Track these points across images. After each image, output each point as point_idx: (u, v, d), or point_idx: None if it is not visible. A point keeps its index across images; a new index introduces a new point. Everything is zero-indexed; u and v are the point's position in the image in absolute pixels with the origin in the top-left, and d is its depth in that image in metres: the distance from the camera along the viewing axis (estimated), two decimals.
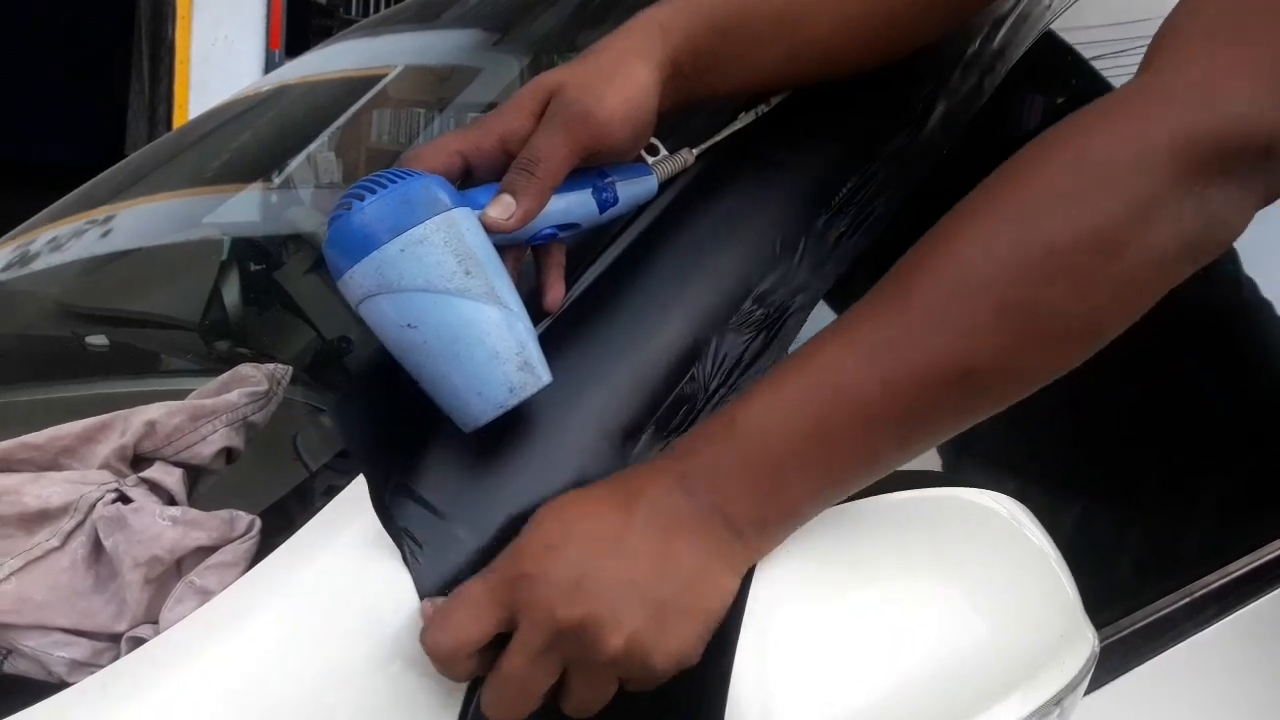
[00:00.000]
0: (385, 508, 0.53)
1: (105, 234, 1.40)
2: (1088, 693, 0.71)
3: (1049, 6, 0.77)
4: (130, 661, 0.51)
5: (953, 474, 0.93)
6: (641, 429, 0.56)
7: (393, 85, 1.73)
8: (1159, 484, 1.04)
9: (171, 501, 0.55)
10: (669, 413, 0.57)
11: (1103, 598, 0.89)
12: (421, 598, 0.51)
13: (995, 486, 0.96)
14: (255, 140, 1.63)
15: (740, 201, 0.63)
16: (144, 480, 0.55)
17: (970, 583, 0.56)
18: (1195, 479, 1.04)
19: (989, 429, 0.96)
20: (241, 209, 1.52)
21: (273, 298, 1.37)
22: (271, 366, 0.65)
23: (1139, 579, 0.93)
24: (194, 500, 0.58)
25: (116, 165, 1.55)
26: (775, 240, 0.63)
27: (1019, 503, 0.59)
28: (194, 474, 0.57)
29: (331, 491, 0.56)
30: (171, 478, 0.55)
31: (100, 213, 1.43)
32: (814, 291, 0.63)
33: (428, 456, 0.55)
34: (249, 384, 0.60)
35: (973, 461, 0.95)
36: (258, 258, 1.44)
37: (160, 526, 0.51)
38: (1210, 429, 1.07)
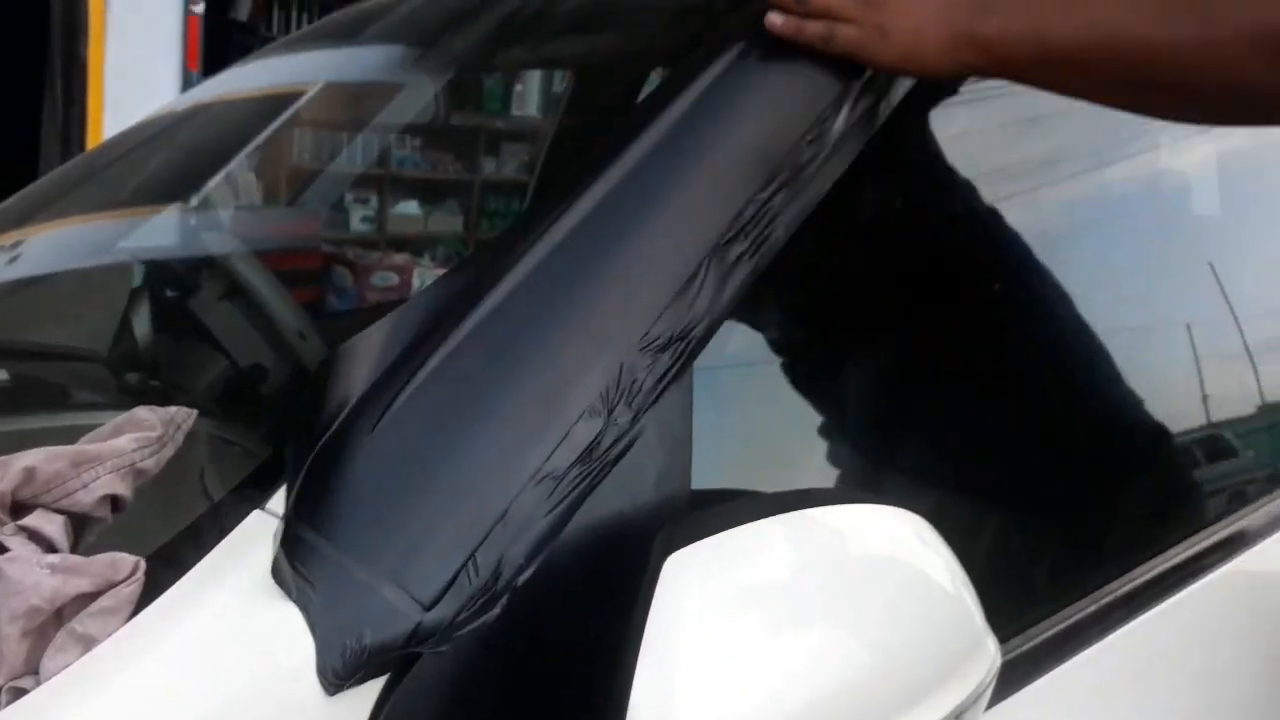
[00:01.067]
0: (283, 546, 0.52)
1: (11, 260, 1.36)
2: (1002, 700, 0.72)
3: None
4: (9, 713, 0.50)
5: (875, 485, 0.95)
6: (547, 458, 0.56)
7: (312, 103, 1.71)
8: (1069, 496, 1.06)
9: (52, 550, 0.53)
10: (577, 439, 0.57)
11: (1019, 607, 0.91)
12: (316, 638, 0.50)
13: (916, 500, 0.97)
14: (170, 161, 1.60)
15: (643, 225, 0.63)
16: (22, 529, 0.53)
17: (872, 599, 0.56)
18: (1101, 490, 1.07)
19: (912, 443, 0.98)
20: (155, 233, 1.49)
21: (186, 326, 1.33)
22: (172, 411, 0.63)
23: (1053, 587, 0.95)
24: (83, 548, 0.56)
25: (26, 188, 1.51)
26: (678, 264, 0.62)
27: (924, 520, 0.60)
28: (80, 521, 0.56)
29: (225, 530, 0.55)
30: (52, 525, 0.53)
31: (8, 239, 1.38)
32: (717, 314, 0.63)
33: (323, 492, 0.54)
34: (142, 428, 0.58)
35: (895, 474, 0.96)
36: (171, 284, 1.41)
37: (39, 575, 0.50)
38: (1108, 444, 1.09)
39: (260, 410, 1.19)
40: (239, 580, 0.51)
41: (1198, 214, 1.26)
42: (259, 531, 0.54)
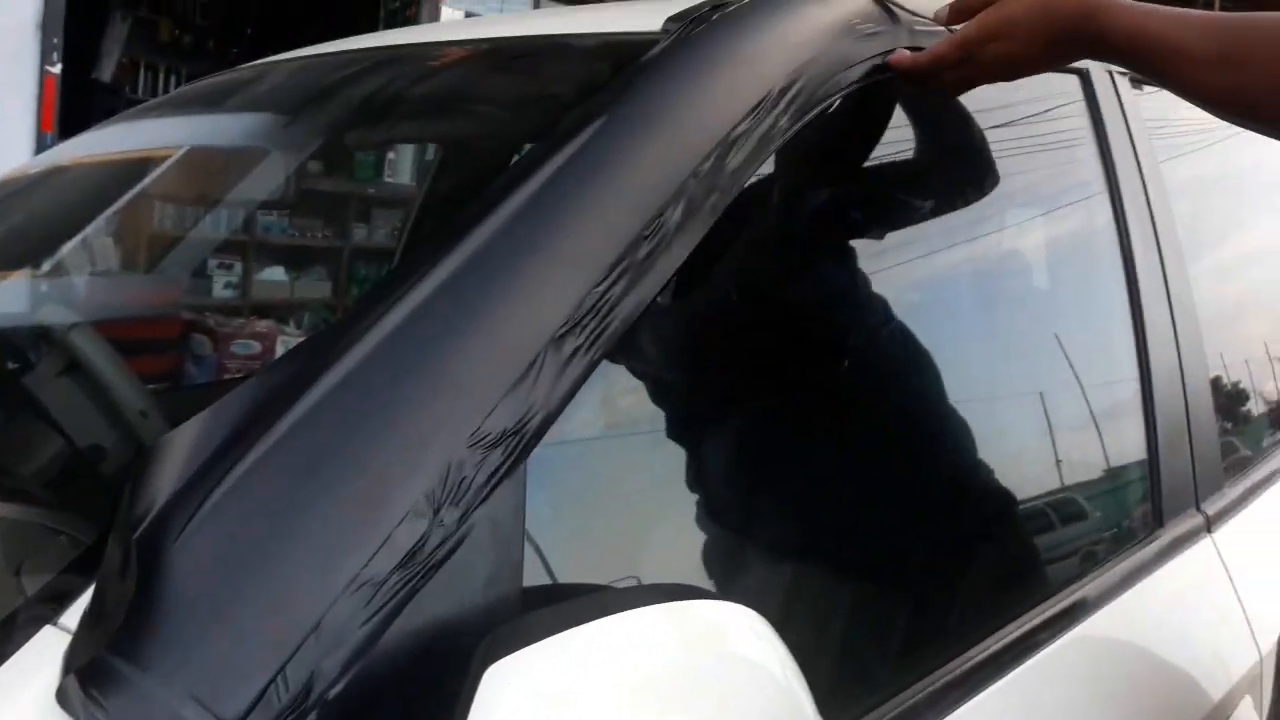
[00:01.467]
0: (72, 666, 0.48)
1: None
2: None
3: (784, 126, 0.80)
4: None
5: (735, 557, 0.95)
6: (365, 563, 0.53)
7: (176, 167, 1.66)
8: (923, 566, 1.08)
9: None
10: (399, 542, 0.55)
11: (876, 675, 0.91)
12: None
13: (774, 570, 0.98)
14: (18, 226, 1.53)
15: (476, 316, 0.62)
16: None
17: (704, 698, 0.55)
18: (954, 561, 1.09)
19: (771, 516, 0.99)
20: None
21: (20, 403, 1.26)
22: None
23: (909, 656, 0.95)
24: None
25: None
26: (513, 356, 0.61)
27: (756, 614, 0.60)
28: None
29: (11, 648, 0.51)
30: None
31: None
32: (553, 407, 0.62)
33: (120, 604, 0.51)
34: None
35: (753, 546, 0.96)
36: (7, 356, 1.34)
37: None
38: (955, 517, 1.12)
39: (93, 496, 1.12)
40: (20, 709, 0.48)
41: (1039, 289, 1.32)
42: (49, 648, 0.50)
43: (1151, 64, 0.86)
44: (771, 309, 1.04)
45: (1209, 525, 1.24)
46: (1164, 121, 1.39)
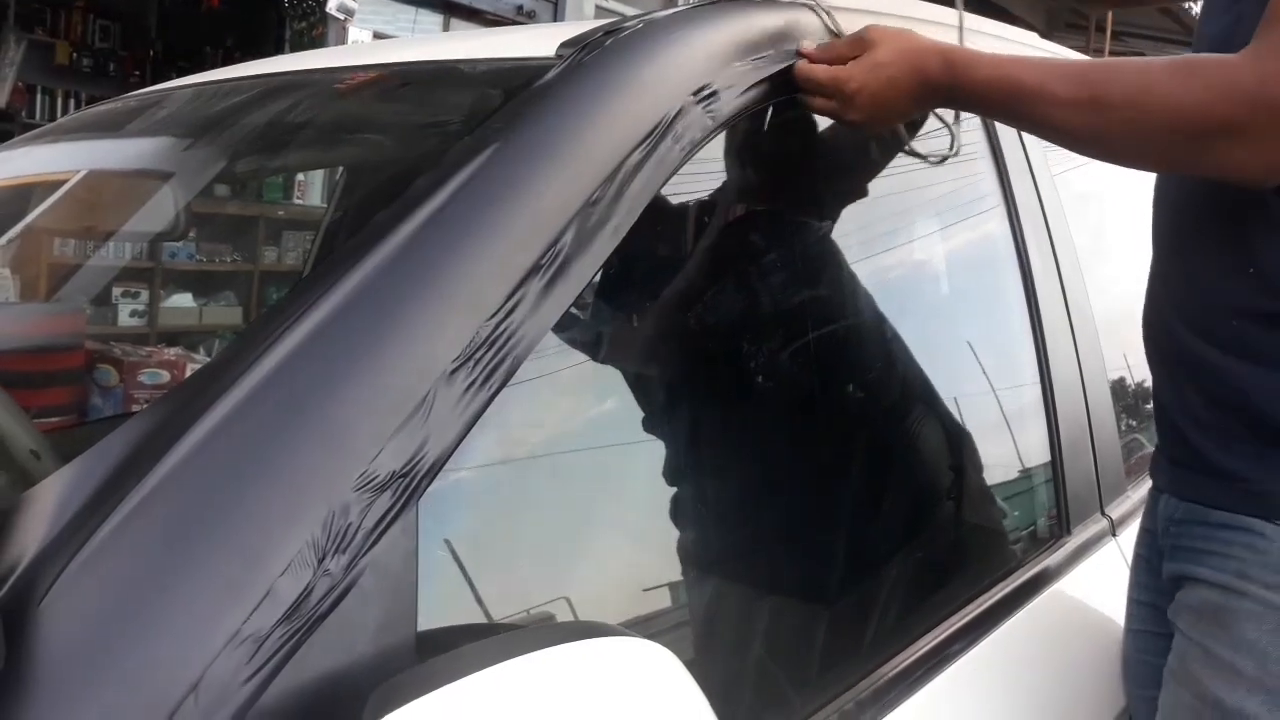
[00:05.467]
0: None
1: None
2: None
3: (680, 151, 0.80)
4: None
5: (647, 587, 0.94)
6: (246, 618, 0.51)
7: (75, 192, 1.60)
8: (841, 579, 1.09)
9: None
10: (281, 594, 0.53)
11: (794, 688, 0.91)
12: None
13: (698, 586, 0.97)
14: None
15: (358, 354, 0.60)
16: None
17: None
18: (872, 572, 1.10)
19: (693, 534, 0.98)
20: None
21: None
22: None
23: (825, 675, 0.95)
24: None
25: None
26: (400, 394, 0.60)
27: (665, 649, 0.59)
28: None
29: None
30: None
31: None
32: (445, 446, 0.60)
33: None
34: None
35: (682, 562, 0.96)
36: None
37: None
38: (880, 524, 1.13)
39: None
40: None
41: (938, 301, 1.33)
42: None
43: (1010, 108, 0.92)
44: (677, 332, 1.04)
45: (1114, 529, 1.26)
46: None
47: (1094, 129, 0.87)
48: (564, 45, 0.88)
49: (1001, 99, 0.91)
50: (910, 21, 1.09)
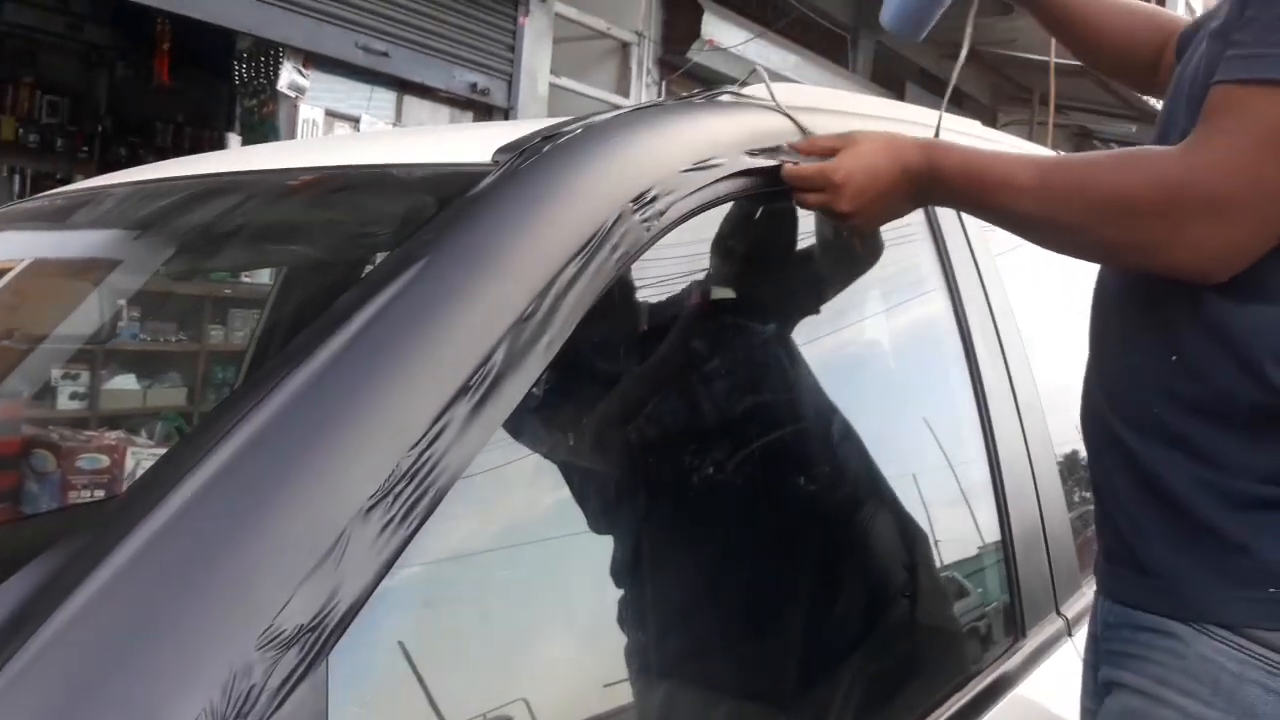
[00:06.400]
0: None
1: None
2: None
3: (618, 261, 0.78)
4: None
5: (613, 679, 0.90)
6: None
7: (17, 280, 1.56)
8: (794, 684, 1.05)
9: None
10: None
11: None
12: None
13: (650, 690, 0.92)
14: None
15: (260, 496, 0.56)
16: None
17: None
18: (827, 676, 1.06)
19: (644, 641, 0.94)
20: None
21: None
22: None
23: None
24: None
25: None
26: (308, 539, 0.56)
27: None
28: None
29: None
30: None
31: None
32: (360, 592, 0.56)
33: None
34: None
35: (631, 668, 0.92)
36: None
37: None
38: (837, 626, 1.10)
39: None
40: None
41: (882, 393, 1.31)
42: None
43: (980, 197, 0.95)
44: (621, 435, 1.01)
45: (1069, 628, 1.24)
46: None
47: (1048, 215, 0.90)
48: (500, 151, 0.86)
49: (974, 187, 0.94)
50: (867, 120, 1.09)
